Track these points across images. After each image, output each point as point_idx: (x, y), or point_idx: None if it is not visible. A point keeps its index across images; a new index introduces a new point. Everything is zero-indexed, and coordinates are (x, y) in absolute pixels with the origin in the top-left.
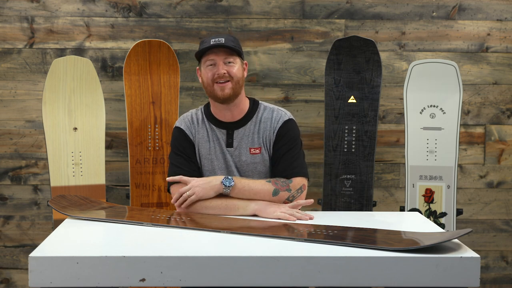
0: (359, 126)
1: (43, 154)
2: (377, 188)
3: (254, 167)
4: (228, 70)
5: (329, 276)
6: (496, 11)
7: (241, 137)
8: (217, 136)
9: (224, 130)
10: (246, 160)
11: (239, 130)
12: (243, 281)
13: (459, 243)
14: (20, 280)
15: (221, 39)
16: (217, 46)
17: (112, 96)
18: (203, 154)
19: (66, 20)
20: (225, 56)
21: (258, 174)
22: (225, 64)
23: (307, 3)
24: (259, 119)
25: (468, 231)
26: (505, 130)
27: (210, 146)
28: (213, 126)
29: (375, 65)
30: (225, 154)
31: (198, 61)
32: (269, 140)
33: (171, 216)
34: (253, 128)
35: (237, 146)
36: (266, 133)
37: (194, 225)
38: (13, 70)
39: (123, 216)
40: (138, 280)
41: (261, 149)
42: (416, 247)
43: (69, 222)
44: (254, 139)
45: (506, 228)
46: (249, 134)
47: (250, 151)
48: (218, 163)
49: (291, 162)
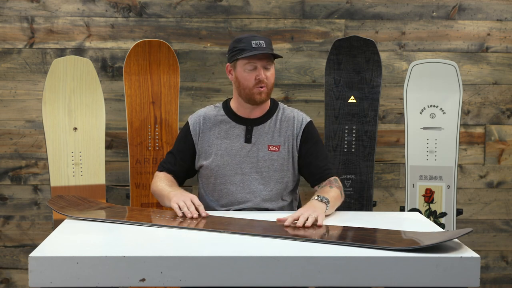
0: (359, 126)
1: (43, 154)
2: (377, 188)
3: (271, 163)
4: (266, 76)
5: (329, 276)
6: (496, 11)
7: (260, 134)
8: (235, 132)
9: (243, 126)
10: (264, 156)
11: (259, 127)
12: (243, 281)
13: (459, 243)
14: (20, 280)
15: (261, 42)
16: (261, 52)
17: (112, 96)
18: (213, 150)
19: (66, 20)
20: (266, 61)
21: (274, 171)
22: (264, 69)
23: (307, 3)
24: (279, 118)
25: (468, 231)
26: (505, 130)
27: (224, 142)
28: (232, 122)
29: (375, 65)
30: (241, 149)
31: (232, 58)
32: (292, 139)
33: (170, 217)
34: (273, 126)
35: (255, 142)
36: (289, 132)
37: (194, 225)
38: (13, 70)
39: (123, 216)
40: (138, 280)
41: (280, 147)
42: (416, 247)
43: (69, 222)
44: (274, 136)
45: (506, 228)
46: (269, 132)
47: (268, 148)
48: (229, 159)
49: (325, 162)
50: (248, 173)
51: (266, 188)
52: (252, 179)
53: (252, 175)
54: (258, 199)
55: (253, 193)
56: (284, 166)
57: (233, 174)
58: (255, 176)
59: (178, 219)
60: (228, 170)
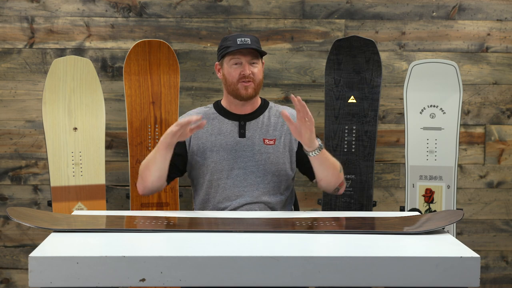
0: (359, 126)
1: (43, 154)
2: (377, 188)
3: (267, 156)
4: (252, 71)
5: (329, 276)
6: (496, 11)
7: (254, 129)
8: (229, 128)
9: (236, 122)
10: (260, 150)
11: (251, 122)
12: (243, 281)
13: (459, 243)
14: (20, 280)
15: (247, 39)
16: (244, 47)
17: (112, 96)
18: (208, 147)
19: (66, 20)
20: (251, 57)
21: (271, 164)
22: (250, 64)
23: (307, 3)
24: (272, 113)
25: (460, 213)
26: (505, 130)
27: (218, 139)
28: (224, 119)
29: (375, 65)
30: (236, 144)
31: (220, 57)
32: (288, 134)
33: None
34: (267, 121)
35: (249, 137)
36: (285, 127)
37: (187, 227)
38: (13, 70)
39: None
40: (138, 280)
41: (276, 141)
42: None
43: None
44: (268, 131)
45: (506, 228)
46: (262, 126)
47: (264, 142)
48: (225, 154)
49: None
50: (244, 167)
51: (263, 181)
52: (249, 173)
53: (249, 169)
54: (256, 192)
55: (250, 186)
56: (280, 159)
57: (230, 169)
58: (252, 169)
59: (164, 223)
60: (225, 165)
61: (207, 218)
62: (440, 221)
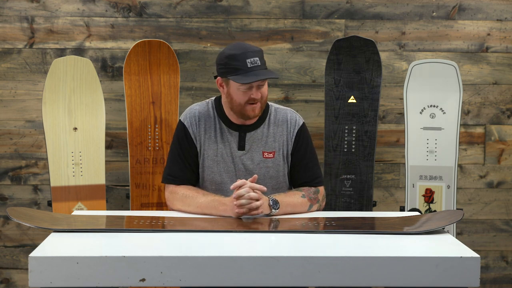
0: (359, 126)
1: (43, 154)
2: (377, 188)
3: (267, 171)
4: (261, 94)
5: (329, 276)
6: (496, 11)
7: (254, 140)
8: (228, 138)
9: (236, 132)
10: (259, 164)
11: (252, 133)
12: (243, 281)
13: (459, 243)
14: (20, 280)
15: (256, 60)
16: (256, 77)
17: (112, 96)
18: (210, 155)
19: (66, 20)
20: (261, 81)
21: (270, 178)
22: (259, 86)
23: (307, 3)
24: (272, 121)
25: (460, 213)
26: (505, 130)
27: (219, 147)
28: (224, 127)
29: (375, 65)
30: (235, 157)
31: (225, 75)
32: (286, 145)
33: (151, 221)
34: (267, 131)
35: (249, 149)
36: (284, 137)
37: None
38: (13, 70)
39: (118, 224)
40: (138, 280)
41: (275, 154)
42: (419, 230)
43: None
44: (268, 142)
45: (506, 228)
46: (262, 138)
47: (263, 155)
48: (225, 166)
49: (314, 171)
50: None
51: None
52: None
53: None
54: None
55: None
56: (280, 172)
57: (228, 182)
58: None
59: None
60: (224, 177)
61: (207, 218)
62: (440, 221)
